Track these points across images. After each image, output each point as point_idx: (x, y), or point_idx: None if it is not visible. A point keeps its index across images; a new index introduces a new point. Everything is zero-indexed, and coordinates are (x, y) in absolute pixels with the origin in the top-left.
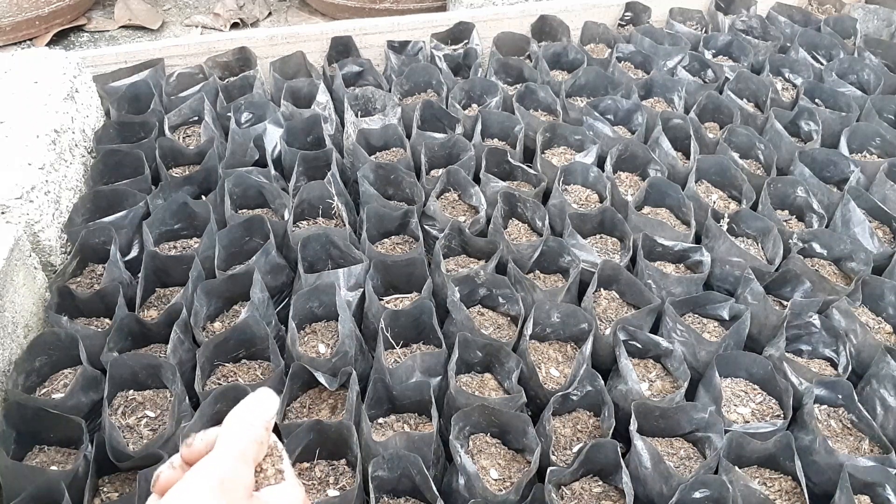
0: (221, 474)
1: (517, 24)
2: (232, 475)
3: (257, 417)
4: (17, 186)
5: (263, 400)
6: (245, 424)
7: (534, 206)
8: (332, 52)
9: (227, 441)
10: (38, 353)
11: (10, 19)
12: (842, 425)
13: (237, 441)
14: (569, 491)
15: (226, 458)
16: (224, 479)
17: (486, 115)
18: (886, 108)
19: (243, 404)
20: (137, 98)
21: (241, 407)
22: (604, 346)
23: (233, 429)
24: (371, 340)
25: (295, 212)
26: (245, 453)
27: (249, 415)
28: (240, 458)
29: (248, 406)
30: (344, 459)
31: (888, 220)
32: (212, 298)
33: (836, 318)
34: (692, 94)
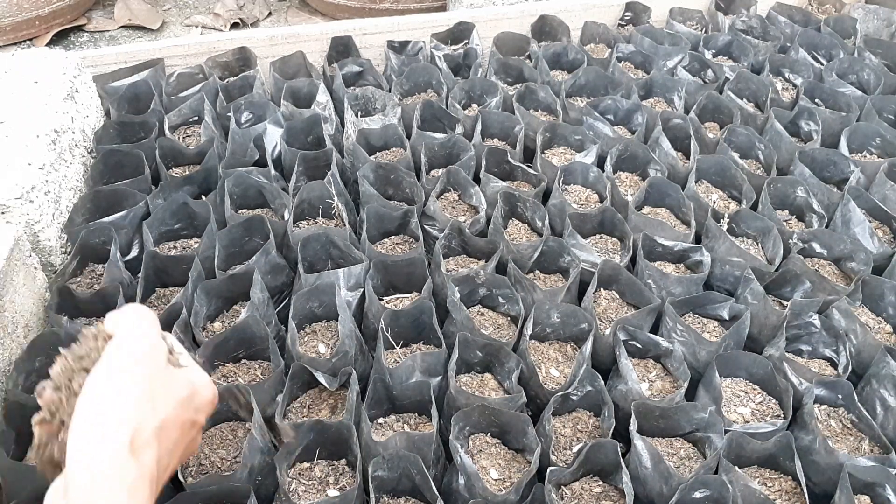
0: (143, 346)
1: (517, 24)
2: (151, 346)
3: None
4: (17, 186)
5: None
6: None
7: (534, 206)
8: (332, 52)
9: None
10: (38, 353)
11: (10, 19)
12: (842, 425)
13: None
14: (569, 491)
15: (140, 333)
16: (145, 350)
17: (486, 115)
18: (886, 108)
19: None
20: (137, 98)
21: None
22: (604, 346)
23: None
24: (371, 340)
25: (295, 212)
26: (153, 326)
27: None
28: (151, 331)
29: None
30: (344, 459)
31: (888, 220)
32: (212, 298)
33: (836, 318)
34: (692, 94)
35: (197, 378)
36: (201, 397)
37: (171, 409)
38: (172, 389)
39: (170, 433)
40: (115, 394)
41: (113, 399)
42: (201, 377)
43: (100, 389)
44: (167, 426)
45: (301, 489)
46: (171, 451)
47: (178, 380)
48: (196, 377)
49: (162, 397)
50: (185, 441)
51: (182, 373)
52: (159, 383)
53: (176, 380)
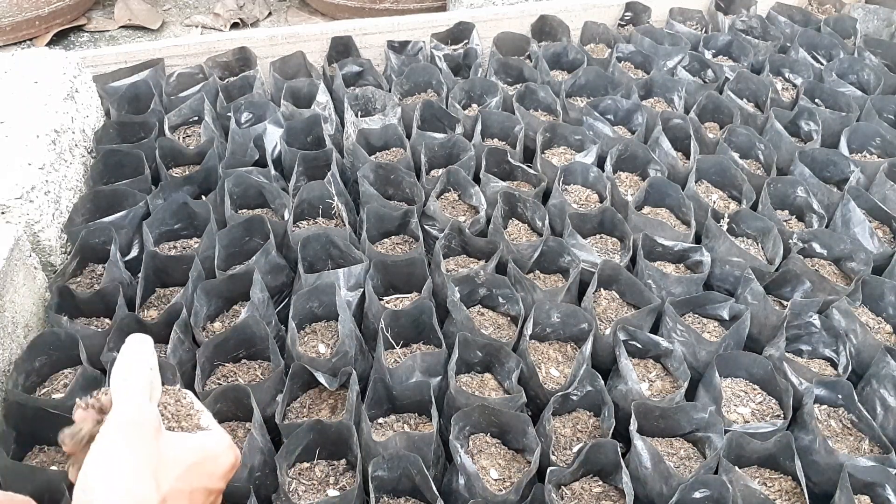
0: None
1: (517, 24)
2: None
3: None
4: (17, 186)
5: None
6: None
7: (534, 206)
8: (332, 52)
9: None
10: (38, 353)
11: (10, 19)
12: (842, 425)
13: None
14: (569, 491)
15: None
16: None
17: (486, 115)
18: (886, 108)
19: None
20: (137, 98)
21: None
22: (604, 346)
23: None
24: (371, 340)
25: (295, 212)
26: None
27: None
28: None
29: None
30: (344, 459)
31: (888, 220)
32: (212, 298)
33: (836, 318)
34: (692, 94)
35: (213, 442)
36: (216, 463)
37: (174, 480)
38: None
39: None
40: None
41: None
42: (219, 441)
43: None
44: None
45: (301, 489)
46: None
47: (184, 446)
48: (212, 442)
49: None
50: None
51: (192, 438)
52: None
53: (181, 447)
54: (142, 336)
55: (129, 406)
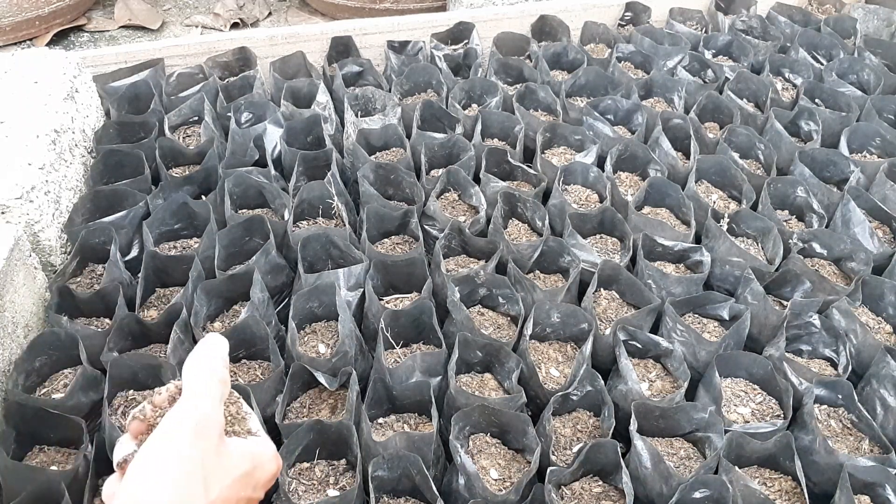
0: (197, 417)
1: (517, 24)
2: (205, 417)
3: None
4: (17, 186)
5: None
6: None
7: (534, 206)
8: (332, 52)
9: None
10: (38, 353)
11: (10, 19)
12: (842, 425)
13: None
14: (569, 491)
15: (198, 402)
16: (199, 422)
17: (486, 115)
18: (886, 108)
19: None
20: (137, 98)
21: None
22: (604, 346)
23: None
24: (371, 340)
25: (295, 212)
26: (213, 396)
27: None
28: (210, 401)
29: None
30: (344, 459)
31: (888, 220)
32: (212, 298)
33: (836, 318)
34: (692, 94)
35: (261, 451)
36: (263, 472)
37: (224, 489)
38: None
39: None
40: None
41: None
42: (266, 450)
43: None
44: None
45: (301, 489)
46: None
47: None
48: (260, 449)
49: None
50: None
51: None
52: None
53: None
54: (220, 337)
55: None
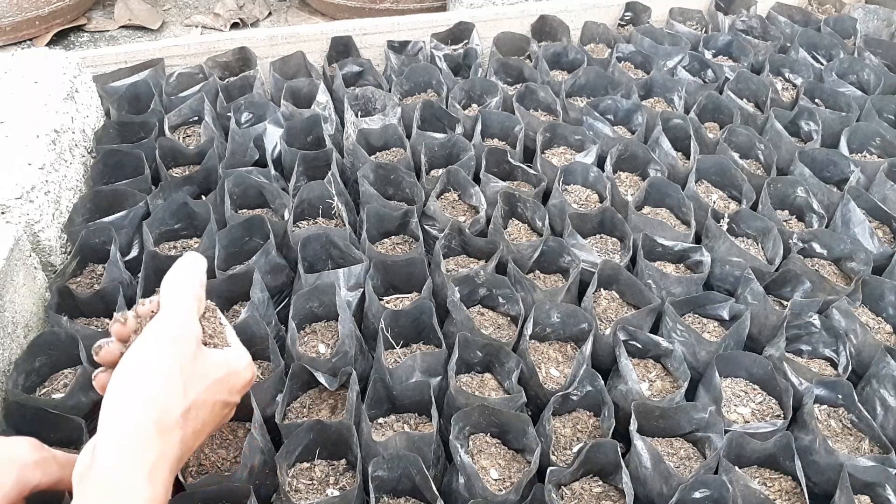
0: (173, 329)
1: (517, 24)
2: (182, 329)
3: (191, 276)
4: (17, 186)
5: (192, 261)
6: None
7: (534, 206)
8: (332, 52)
9: (171, 301)
10: (38, 353)
11: (10, 19)
12: (842, 425)
13: (179, 299)
14: (569, 491)
15: (174, 315)
16: (176, 334)
17: (486, 115)
18: (886, 108)
19: (174, 269)
20: (137, 98)
21: (173, 271)
22: (604, 346)
23: (172, 290)
24: (371, 340)
25: (295, 212)
26: (188, 308)
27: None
28: (186, 314)
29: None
30: (344, 459)
31: (888, 220)
32: (212, 298)
33: (836, 318)
34: (692, 94)
35: (235, 359)
36: (238, 378)
37: (201, 391)
38: (205, 371)
39: (198, 414)
40: (145, 376)
41: (143, 381)
42: (240, 358)
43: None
44: (196, 408)
45: (301, 489)
46: (198, 432)
47: (212, 361)
48: (235, 357)
49: (192, 379)
50: (215, 421)
51: (219, 354)
52: (191, 365)
53: (210, 361)
54: (197, 254)
55: (178, 317)
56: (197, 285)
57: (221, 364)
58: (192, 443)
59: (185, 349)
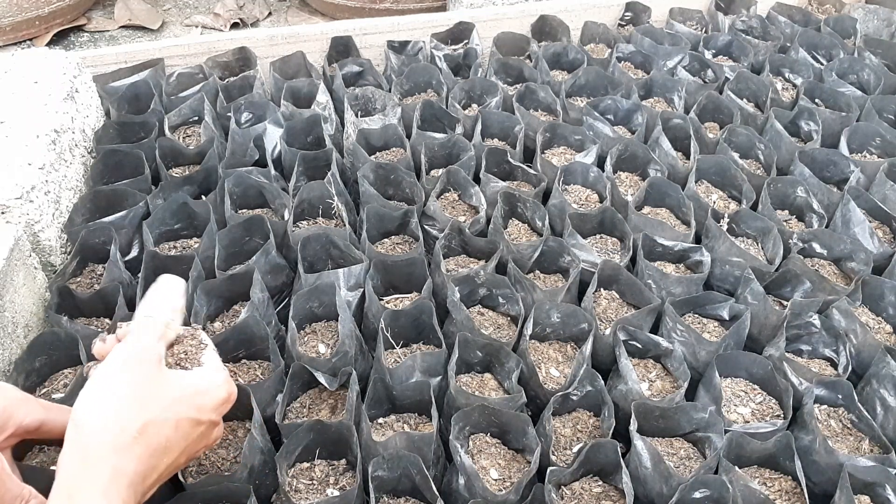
0: (132, 352)
1: (517, 24)
2: (142, 350)
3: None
4: (17, 186)
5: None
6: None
7: (534, 206)
8: (332, 52)
9: (138, 325)
10: (38, 353)
11: (10, 19)
12: (842, 425)
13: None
14: (569, 491)
15: (137, 339)
16: (134, 356)
17: (486, 115)
18: (886, 108)
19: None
20: (137, 98)
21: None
22: (604, 346)
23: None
24: (371, 340)
25: (295, 212)
26: (153, 332)
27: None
28: (149, 337)
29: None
30: (344, 459)
31: (888, 220)
32: (212, 298)
33: (836, 318)
34: (692, 94)
35: (207, 378)
36: (207, 397)
37: (159, 410)
38: (164, 390)
39: (160, 430)
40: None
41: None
42: (213, 377)
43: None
44: (155, 425)
45: (301, 489)
46: (164, 449)
47: (174, 381)
48: (206, 377)
49: (149, 399)
50: (189, 439)
51: (185, 374)
52: (148, 385)
53: (171, 381)
54: (174, 278)
55: (140, 341)
56: (168, 310)
57: (185, 384)
58: (159, 460)
59: (144, 370)
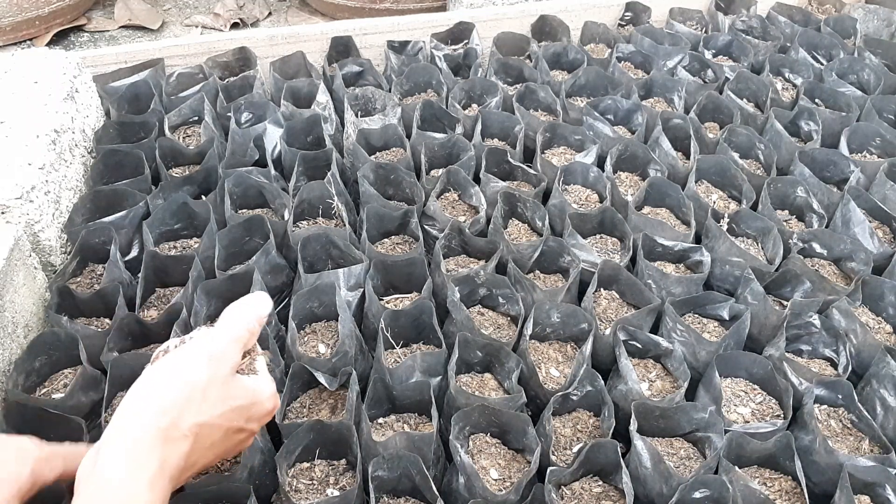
0: (213, 349)
1: (517, 24)
2: (221, 351)
3: (252, 311)
4: (17, 186)
5: (259, 300)
6: (240, 314)
7: (534, 206)
8: (332, 52)
9: (223, 325)
10: (38, 353)
11: (10, 19)
12: (842, 425)
13: (231, 326)
14: (569, 491)
15: (219, 338)
16: (214, 353)
17: (486, 115)
18: (886, 108)
19: (241, 300)
20: (137, 98)
21: (237, 303)
22: (604, 346)
23: (229, 317)
24: (371, 340)
25: (295, 212)
26: (236, 337)
27: (245, 308)
28: (231, 340)
29: (246, 302)
30: (344, 459)
31: (888, 220)
32: (212, 298)
33: (836, 318)
34: (692, 94)
35: (260, 389)
36: (259, 408)
37: (219, 413)
38: (229, 395)
39: (211, 433)
40: (169, 384)
41: (165, 388)
42: (265, 388)
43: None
44: (209, 426)
45: (301, 489)
46: (206, 449)
47: (239, 387)
48: (260, 387)
49: (216, 400)
50: (228, 444)
51: (248, 381)
52: (217, 387)
53: (239, 387)
54: (266, 298)
55: (222, 339)
56: (254, 321)
57: (246, 392)
58: (198, 458)
59: (219, 370)
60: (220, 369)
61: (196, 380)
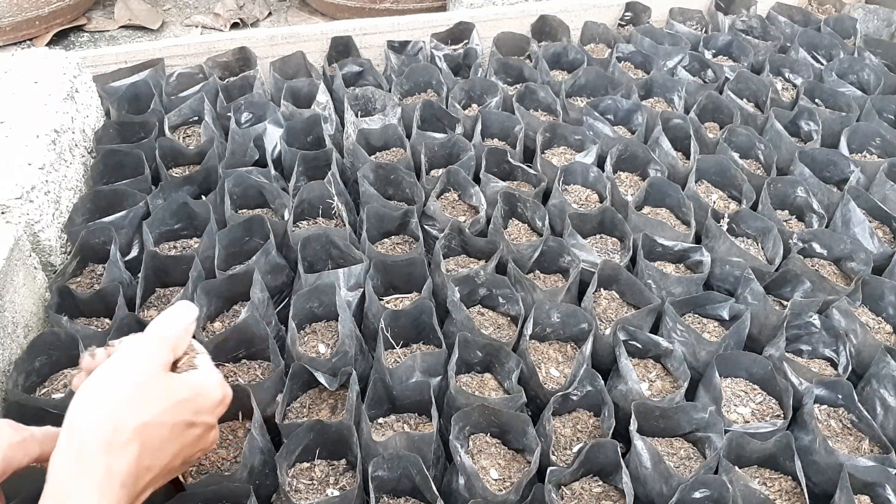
0: (141, 349)
1: (517, 24)
2: (150, 351)
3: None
4: (17, 186)
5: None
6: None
7: (534, 206)
8: (332, 52)
9: (149, 329)
10: (38, 353)
11: (10, 19)
12: (842, 425)
13: (157, 328)
14: (569, 491)
15: (146, 339)
16: (143, 353)
17: (486, 115)
18: (886, 108)
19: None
20: (137, 98)
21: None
22: (604, 346)
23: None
24: (371, 340)
25: (295, 212)
26: (163, 337)
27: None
28: (158, 340)
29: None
30: (344, 459)
31: (888, 220)
32: (212, 298)
33: (836, 318)
34: (692, 94)
35: (201, 381)
36: (204, 399)
37: (160, 409)
38: (168, 390)
39: (158, 432)
40: (102, 393)
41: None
42: (209, 380)
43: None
44: (154, 425)
45: (301, 489)
46: (159, 450)
47: (177, 382)
48: (202, 380)
49: (153, 397)
50: (184, 441)
51: (186, 376)
52: (153, 385)
53: (175, 382)
54: (191, 305)
55: (150, 343)
56: (181, 328)
57: (185, 386)
58: (153, 461)
59: (150, 368)
60: (151, 367)
61: (132, 381)
